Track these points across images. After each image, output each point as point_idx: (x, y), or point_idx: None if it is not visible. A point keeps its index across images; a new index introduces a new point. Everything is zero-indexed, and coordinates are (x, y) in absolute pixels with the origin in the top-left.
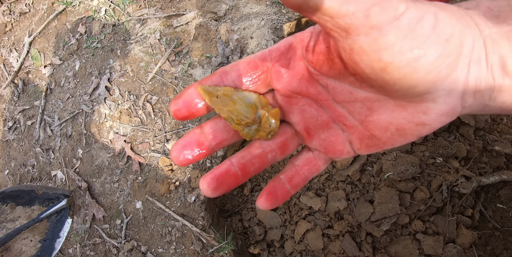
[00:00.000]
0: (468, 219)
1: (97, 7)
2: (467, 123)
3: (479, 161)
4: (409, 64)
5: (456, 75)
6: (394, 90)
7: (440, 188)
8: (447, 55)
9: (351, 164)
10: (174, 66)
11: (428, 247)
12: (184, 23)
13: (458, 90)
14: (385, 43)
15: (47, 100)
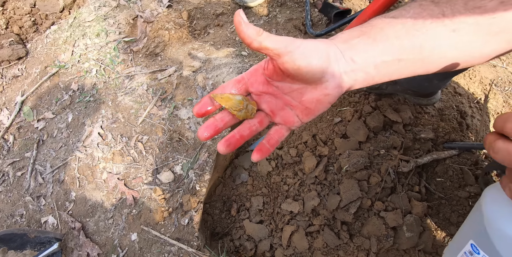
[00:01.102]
0: (417, 194)
1: (88, 68)
2: (396, 121)
3: (413, 148)
4: (308, 65)
5: (332, 67)
6: (306, 79)
7: (387, 172)
8: (323, 59)
9: (316, 166)
10: (161, 110)
11: (391, 220)
12: (167, 76)
13: (336, 74)
14: (295, 58)
15: (39, 151)
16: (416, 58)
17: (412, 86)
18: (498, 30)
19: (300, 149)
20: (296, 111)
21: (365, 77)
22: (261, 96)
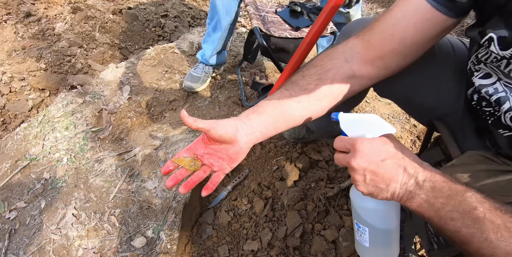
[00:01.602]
0: (346, 211)
1: (59, 157)
2: (319, 159)
3: (336, 177)
4: (225, 133)
5: (240, 132)
6: (227, 141)
7: (319, 199)
8: (234, 128)
9: (265, 207)
10: (130, 185)
11: (329, 236)
12: (133, 155)
13: (243, 136)
14: (218, 130)
15: (11, 240)
16: (285, 119)
17: (323, 132)
18: (321, 96)
19: (250, 197)
20: (226, 161)
21: (261, 135)
22: (203, 155)
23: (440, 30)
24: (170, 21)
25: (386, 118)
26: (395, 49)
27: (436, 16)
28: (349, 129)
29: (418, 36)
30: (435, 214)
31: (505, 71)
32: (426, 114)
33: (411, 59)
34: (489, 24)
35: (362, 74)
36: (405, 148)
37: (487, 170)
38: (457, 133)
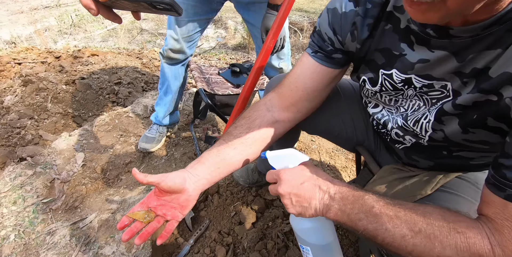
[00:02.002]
0: None
1: (5, 235)
2: (272, 199)
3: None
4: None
5: (187, 181)
6: (176, 191)
7: (277, 236)
8: (181, 178)
9: (227, 253)
10: (86, 253)
11: None
12: (89, 222)
13: (191, 184)
14: (167, 182)
15: None
16: (225, 164)
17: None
18: (252, 141)
19: (212, 246)
20: (178, 210)
21: (207, 181)
22: (156, 207)
23: (331, 78)
24: (124, 88)
25: (332, 151)
26: (301, 97)
27: (324, 69)
28: (275, 163)
29: (315, 85)
30: (347, 219)
31: (383, 101)
32: (348, 142)
33: (317, 102)
34: (360, 70)
35: (282, 119)
36: (319, 170)
37: (398, 178)
38: (374, 153)
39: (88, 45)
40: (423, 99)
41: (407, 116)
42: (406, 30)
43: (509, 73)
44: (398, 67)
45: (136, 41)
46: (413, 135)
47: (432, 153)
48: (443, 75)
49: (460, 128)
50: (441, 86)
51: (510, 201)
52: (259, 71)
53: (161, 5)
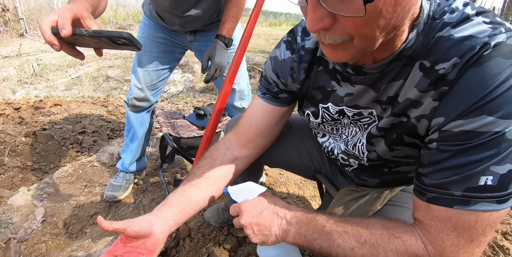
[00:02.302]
0: None
1: None
2: (244, 236)
3: None
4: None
5: (154, 225)
6: (143, 236)
7: None
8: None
9: None
10: None
11: None
12: None
13: (158, 227)
14: (133, 227)
15: None
16: (190, 204)
17: None
18: (215, 180)
19: None
20: (145, 255)
21: (174, 223)
22: (123, 255)
23: (280, 115)
24: (89, 137)
25: (300, 182)
26: (256, 134)
27: (273, 108)
28: (237, 197)
29: (267, 123)
30: (304, 240)
31: (327, 130)
32: (307, 171)
33: (271, 138)
34: (304, 105)
35: (241, 156)
36: (276, 199)
37: (353, 199)
38: (332, 178)
39: (51, 94)
40: (358, 125)
41: (348, 142)
42: (333, 70)
43: (410, 98)
44: (332, 100)
45: (101, 89)
46: (355, 158)
47: (375, 172)
48: (367, 104)
49: (387, 147)
50: (368, 113)
51: (431, 203)
52: (219, 113)
53: (121, 40)
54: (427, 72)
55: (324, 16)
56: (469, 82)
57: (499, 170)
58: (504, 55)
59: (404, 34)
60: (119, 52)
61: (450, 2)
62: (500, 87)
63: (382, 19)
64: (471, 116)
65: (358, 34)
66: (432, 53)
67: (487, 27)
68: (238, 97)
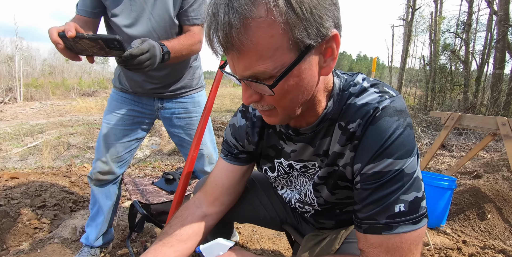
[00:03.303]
0: None
1: None
2: None
3: None
4: None
5: None
6: None
7: None
8: None
9: None
10: None
11: None
12: None
13: None
14: None
15: None
16: None
17: None
18: (186, 237)
19: None
20: None
21: None
22: None
23: (242, 173)
24: (49, 211)
25: (273, 237)
26: (222, 191)
27: (235, 167)
28: (208, 254)
29: (231, 180)
30: None
31: (283, 183)
32: (274, 222)
33: (236, 194)
34: (261, 162)
35: (210, 213)
36: (245, 252)
37: (316, 243)
38: (297, 226)
39: (4, 166)
40: (306, 176)
41: (301, 191)
42: (280, 132)
43: (335, 151)
44: (283, 156)
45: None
46: (308, 205)
47: (329, 214)
48: (309, 157)
49: (329, 192)
50: (312, 165)
51: (367, 233)
52: (188, 177)
53: (114, 43)
54: (343, 130)
55: (253, 93)
56: (370, 136)
57: (407, 198)
58: (389, 114)
59: (323, 103)
60: (82, 118)
61: (353, 78)
62: (391, 137)
63: (290, 95)
64: (377, 160)
65: (278, 106)
66: (345, 116)
67: (376, 95)
68: (207, 162)
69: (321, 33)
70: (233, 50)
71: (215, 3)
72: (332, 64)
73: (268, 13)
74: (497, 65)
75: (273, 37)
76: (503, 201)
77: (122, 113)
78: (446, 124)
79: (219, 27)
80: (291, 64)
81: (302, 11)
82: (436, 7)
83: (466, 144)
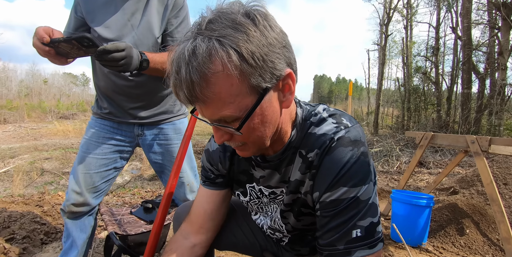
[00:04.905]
0: None
1: None
2: None
3: None
4: None
5: None
6: None
7: None
8: None
9: None
10: None
11: None
12: None
13: None
14: None
15: None
16: None
17: None
18: None
19: None
20: None
21: None
22: None
23: (222, 197)
24: (17, 244)
25: None
26: (205, 218)
27: (214, 192)
28: None
29: (212, 205)
30: None
31: (256, 208)
32: (255, 249)
33: (219, 219)
34: (234, 187)
35: (199, 242)
36: None
37: None
38: (278, 253)
39: None
40: (276, 202)
41: (271, 218)
42: (249, 158)
43: (297, 179)
44: (253, 181)
45: (35, 184)
46: (278, 231)
47: (302, 241)
48: (277, 184)
49: (295, 219)
50: (280, 191)
51: None
52: (167, 205)
53: (85, 41)
54: (303, 159)
55: (223, 134)
56: (326, 166)
57: (363, 224)
58: (344, 144)
59: (288, 133)
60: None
61: (315, 108)
62: (345, 167)
63: (257, 132)
64: (333, 189)
65: (248, 142)
66: (305, 145)
67: (333, 126)
68: (188, 190)
69: (275, 75)
70: (199, 102)
71: (177, 62)
72: (291, 98)
73: (224, 68)
74: (465, 85)
75: (232, 85)
76: (479, 215)
77: (100, 141)
78: (421, 144)
79: (183, 84)
80: (253, 106)
81: (254, 60)
82: (406, 33)
83: (443, 160)
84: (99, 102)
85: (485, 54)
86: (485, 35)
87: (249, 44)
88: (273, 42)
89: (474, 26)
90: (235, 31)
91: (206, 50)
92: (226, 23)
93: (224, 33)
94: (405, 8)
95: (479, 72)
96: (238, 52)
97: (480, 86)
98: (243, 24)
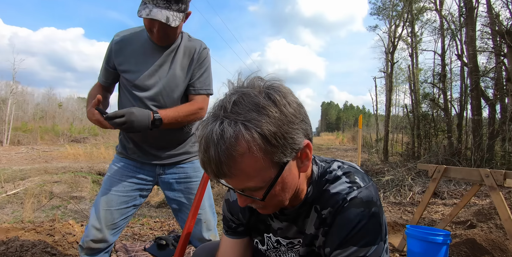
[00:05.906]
0: None
1: None
2: None
3: None
4: None
5: None
6: None
7: None
8: None
9: None
10: None
11: None
12: None
13: None
14: None
15: None
16: None
17: None
18: None
19: None
20: None
21: None
22: None
23: (245, 245)
24: None
25: None
26: None
27: (236, 241)
28: None
29: (237, 254)
30: None
31: (274, 255)
32: None
33: None
34: (253, 235)
35: None
36: None
37: None
38: None
39: None
40: (293, 251)
41: None
42: None
43: (311, 233)
44: (271, 232)
45: (43, 208)
46: None
47: None
48: (295, 235)
49: None
50: (298, 242)
51: None
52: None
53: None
54: (318, 214)
55: (247, 198)
56: (338, 225)
57: None
58: (356, 205)
59: (304, 190)
60: (69, 165)
61: (330, 164)
62: (356, 227)
63: (278, 197)
64: (343, 247)
65: (269, 205)
66: (320, 201)
67: (346, 186)
68: (205, 228)
69: (295, 149)
70: (226, 177)
71: (205, 142)
72: (309, 163)
73: (250, 149)
74: (474, 112)
75: (256, 162)
76: (500, 251)
77: (123, 179)
78: (434, 177)
79: (212, 162)
80: (275, 177)
81: (276, 140)
82: (412, 60)
83: (457, 190)
84: (124, 143)
85: (493, 80)
86: (491, 60)
87: (271, 126)
88: (292, 119)
89: (480, 53)
90: (258, 114)
91: (233, 135)
92: (249, 106)
93: (249, 117)
94: (409, 36)
95: (488, 98)
96: (261, 135)
97: (491, 112)
98: (265, 107)
